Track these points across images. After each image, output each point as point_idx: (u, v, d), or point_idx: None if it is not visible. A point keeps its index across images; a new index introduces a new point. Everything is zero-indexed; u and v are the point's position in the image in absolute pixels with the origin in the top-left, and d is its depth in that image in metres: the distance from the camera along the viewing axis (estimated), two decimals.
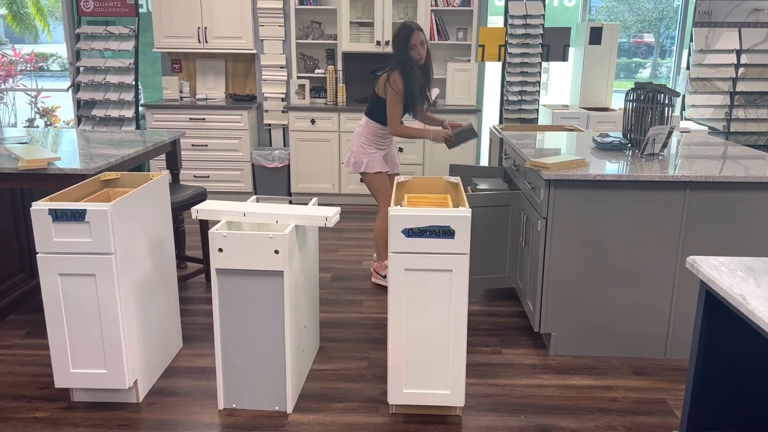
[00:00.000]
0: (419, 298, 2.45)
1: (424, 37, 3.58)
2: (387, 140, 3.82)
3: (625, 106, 3.55)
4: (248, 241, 2.41)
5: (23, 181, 2.95)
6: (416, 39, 3.53)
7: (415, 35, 3.53)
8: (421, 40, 3.56)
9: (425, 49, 3.61)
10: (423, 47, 3.58)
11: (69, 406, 2.63)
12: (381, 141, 3.79)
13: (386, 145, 3.83)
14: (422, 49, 3.58)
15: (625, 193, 2.90)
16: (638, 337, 3.07)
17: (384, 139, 3.80)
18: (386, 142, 3.82)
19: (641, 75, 8.56)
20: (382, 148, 3.80)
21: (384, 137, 3.78)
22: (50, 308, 2.48)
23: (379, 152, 3.78)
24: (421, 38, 3.56)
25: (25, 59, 7.79)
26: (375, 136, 3.76)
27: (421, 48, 3.56)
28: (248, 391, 2.59)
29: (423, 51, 3.58)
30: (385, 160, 3.80)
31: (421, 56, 3.59)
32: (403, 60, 3.55)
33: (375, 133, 3.76)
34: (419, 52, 3.56)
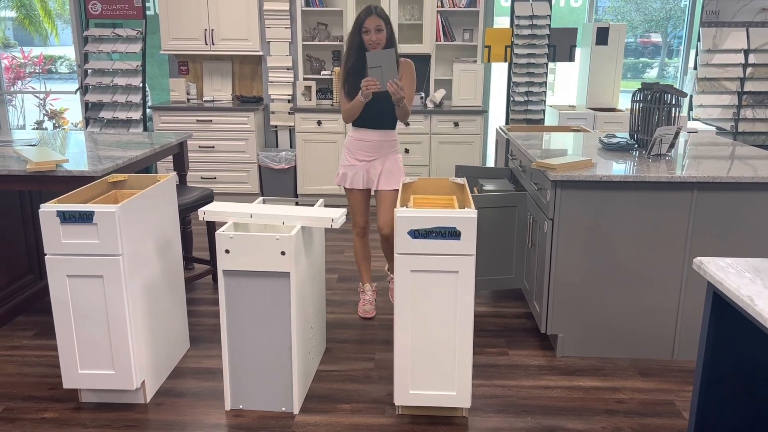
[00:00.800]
0: (425, 300, 2.45)
1: (383, 24, 3.18)
2: (365, 150, 3.35)
3: (631, 107, 3.54)
4: (255, 242, 2.42)
5: (32, 183, 2.97)
6: (370, 23, 3.16)
7: (370, 19, 3.16)
8: (377, 25, 3.15)
9: (383, 37, 3.18)
10: (380, 34, 3.16)
11: (77, 406, 2.64)
12: (356, 150, 3.36)
13: (365, 157, 3.36)
14: (377, 36, 3.16)
15: (632, 194, 2.89)
16: (645, 338, 3.06)
17: (360, 147, 3.35)
18: (364, 152, 3.35)
19: (648, 75, 8.52)
20: (360, 160, 3.37)
21: (359, 144, 3.35)
22: (58, 310, 2.50)
23: (354, 165, 3.38)
24: (377, 23, 3.15)
25: (33, 62, 7.84)
26: (348, 141, 3.41)
27: (375, 34, 3.16)
28: (255, 392, 2.59)
29: (377, 37, 3.16)
30: (357, 175, 3.38)
31: (373, 43, 3.17)
32: (351, 41, 3.25)
33: (349, 138, 3.42)
34: (372, 38, 3.16)
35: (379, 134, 3.34)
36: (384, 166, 3.37)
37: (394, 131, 3.41)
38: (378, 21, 3.17)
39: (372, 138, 3.34)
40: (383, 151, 3.36)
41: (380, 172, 3.37)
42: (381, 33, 3.19)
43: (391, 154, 3.39)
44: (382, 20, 3.19)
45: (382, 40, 3.19)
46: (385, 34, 3.21)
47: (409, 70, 3.31)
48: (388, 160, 3.37)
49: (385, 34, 3.21)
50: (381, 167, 3.37)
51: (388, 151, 3.38)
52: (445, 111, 5.60)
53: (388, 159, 3.38)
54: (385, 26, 3.20)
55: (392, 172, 3.37)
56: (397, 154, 3.43)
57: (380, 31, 3.18)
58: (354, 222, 3.53)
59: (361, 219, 3.51)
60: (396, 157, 3.41)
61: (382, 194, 3.39)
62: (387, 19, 3.23)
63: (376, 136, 3.34)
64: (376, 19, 3.17)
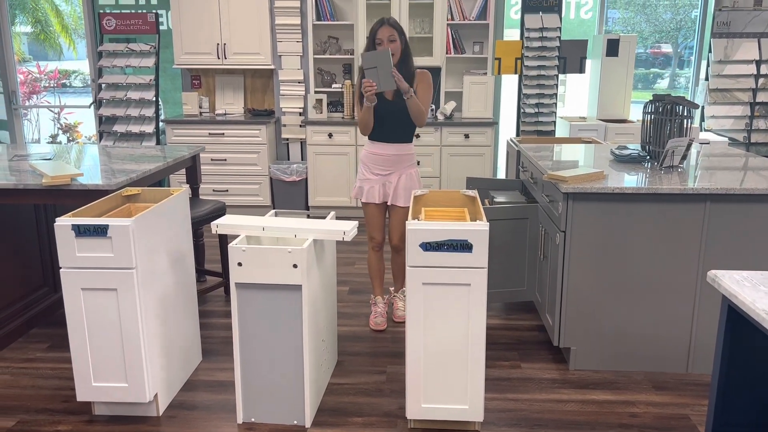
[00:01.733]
0: (437, 312, 2.45)
1: (396, 34, 3.20)
2: (380, 164, 3.35)
3: (643, 118, 3.53)
4: (267, 255, 2.43)
5: (47, 196, 3.01)
6: (382, 34, 3.18)
7: (382, 30, 3.18)
8: (390, 35, 3.18)
9: (396, 47, 3.20)
10: (393, 44, 3.18)
11: (90, 419, 2.66)
12: (372, 164, 3.36)
13: (381, 171, 3.36)
14: (390, 45, 3.17)
15: (645, 206, 2.88)
16: (659, 351, 3.03)
17: (376, 161, 3.35)
18: (379, 166, 3.35)
19: (659, 85, 8.50)
20: (376, 174, 3.37)
21: (375, 158, 3.36)
22: (73, 322, 2.52)
23: (370, 179, 3.38)
24: (390, 33, 3.18)
25: (49, 76, 7.95)
26: (364, 155, 3.42)
27: (388, 44, 3.17)
28: (267, 405, 2.60)
29: (391, 47, 3.16)
30: (373, 189, 3.38)
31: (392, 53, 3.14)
32: None
33: (364, 152, 3.42)
34: (385, 48, 3.17)
35: (395, 148, 3.34)
36: (400, 180, 3.36)
37: (410, 145, 3.40)
38: (390, 31, 3.19)
39: (387, 152, 3.34)
40: (399, 165, 3.36)
41: (395, 187, 3.36)
42: (394, 43, 3.20)
43: (408, 168, 3.38)
44: (395, 30, 3.21)
45: (395, 50, 3.19)
46: (398, 44, 3.22)
47: (426, 80, 3.33)
48: (404, 175, 3.36)
49: (398, 44, 3.22)
50: (397, 181, 3.36)
51: (405, 165, 3.37)
52: (456, 123, 5.62)
53: (405, 173, 3.37)
54: (398, 36, 3.22)
55: (407, 187, 3.35)
56: (413, 168, 3.42)
57: (393, 41, 3.19)
58: (370, 236, 3.52)
59: (377, 234, 3.51)
60: (411, 172, 3.40)
61: (397, 209, 3.41)
62: (401, 30, 3.25)
63: (391, 150, 3.34)
64: (388, 29, 3.19)
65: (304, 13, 5.77)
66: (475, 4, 5.68)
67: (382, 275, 3.62)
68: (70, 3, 7.96)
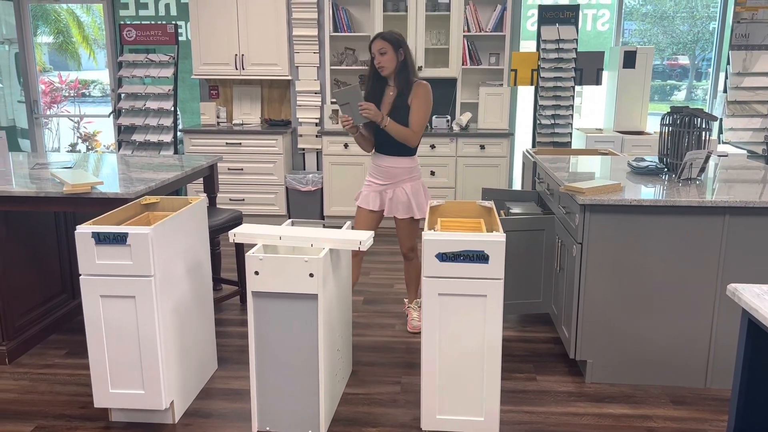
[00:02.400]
0: (453, 323, 2.44)
1: (388, 46, 3.23)
2: (379, 175, 3.42)
3: (660, 130, 3.52)
4: (284, 264, 2.44)
5: (67, 204, 3.05)
6: (374, 47, 3.26)
7: (374, 43, 3.26)
8: (380, 48, 3.24)
9: (388, 59, 3.25)
10: (383, 56, 3.24)
11: (107, 425, 2.68)
12: (373, 172, 3.45)
13: (379, 182, 3.42)
14: (380, 58, 3.25)
15: (663, 219, 2.86)
16: (677, 365, 3.00)
17: (376, 171, 3.43)
18: (378, 176, 3.42)
19: (676, 97, 8.45)
20: (376, 183, 3.43)
21: (374, 168, 3.44)
22: (91, 329, 2.54)
23: (371, 185, 3.44)
24: (380, 46, 3.24)
25: (69, 86, 8.07)
26: (370, 164, 3.51)
27: (379, 56, 3.25)
28: (282, 414, 2.60)
29: (382, 59, 3.24)
30: (370, 196, 3.44)
31: (380, 65, 3.26)
32: (369, 70, 3.39)
33: (370, 162, 3.52)
34: (377, 60, 3.26)
35: (390, 161, 3.38)
36: (396, 193, 3.40)
37: (405, 158, 3.38)
38: (382, 44, 3.24)
39: (383, 164, 3.39)
40: (396, 177, 3.39)
41: (392, 199, 3.41)
42: (385, 55, 3.24)
43: (405, 181, 3.40)
44: (387, 42, 3.24)
45: (387, 63, 3.25)
46: (391, 56, 3.25)
47: (422, 94, 3.31)
48: (399, 188, 3.39)
49: (391, 56, 3.25)
50: (393, 193, 3.41)
51: (402, 178, 3.39)
52: (471, 134, 5.62)
53: (400, 187, 3.39)
54: (392, 48, 3.24)
55: (404, 201, 3.38)
56: (412, 181, 3.41)
57: (384, 53, 3.24)
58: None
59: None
60: (409, 185, 3.39)
61: (398, 221, 3.49)
62: (396, 42, 3.26)
63: (387, 162, 3.38)
64: (379, 42, 3.25)
65: (322, 24, 5.82)
66: (491, 15, 5.70)
67: (355, 280, 3.52)
68: (91, 14, 8.09)
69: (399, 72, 3.30)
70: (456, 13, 5.54)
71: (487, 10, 5.75)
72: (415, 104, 3.30)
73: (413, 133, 3.30)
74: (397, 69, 3.29)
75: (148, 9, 6.23)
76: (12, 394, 2.94)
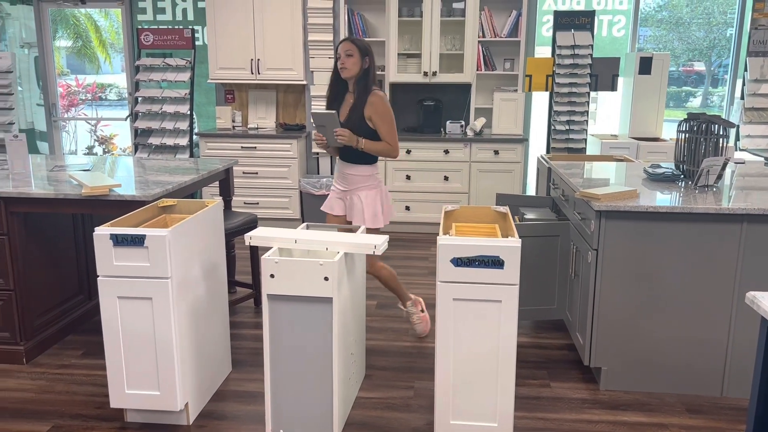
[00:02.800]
0: (467, 329, 2.44)
1: (355, 50, 3.20)
2: (339, 180, 3.42)
3: (677, 137, 3.50)
4: (299, 267, 2.46)
5: (86, 206, 3.08)
6: (341, 48, 3.22)
7: (342, 45, 3.23)
8: (347, 50, 3.20)
9: (352, 63, 3.21)
10: (349, 59, 3.20)
11: (122, 426, 2.70)
12: (337, 177, 3.44)
13: (340, 187, 3.42)
14: (345, 59, 3.21)
15: (679, 226, 2.84)
16: (693, 373, 2.98)
17: (336, 176, 3.45)
18: (339, 182, 3.42)
19: (691, 104, 8.40)
20: (340, 189, 3.42)
21: (336, 174, 3.45)
22: (108, 330, 2.57)
23: (335, 190, 3.45)
24: (347, 48, 3.20)
25: (87, 89, 8.17)
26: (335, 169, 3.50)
27: (344, 58, 3.21)
28: (296, 417, 2.61)
29: (346, 61, 3.20)
30: (332, 199, 3.46)
31: (342, 66, 3.22)
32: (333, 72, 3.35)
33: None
34: (341, 61, 3.21)
35: (350, 168, 3.34)
36: (353, 200, 3.36)
37: (365, 166, 3.33)
38: (349, 46, 3.22)
39: (345, 171, 3.37)
40: (354, 184, 3.35)
41: (349, 206, 3.39)
42: (350, 58, 3.21)
43: (362, 189, 3.34)
44: (354, 46, 3.22)
45: (350, 65, 3.21)
46: (356, 60, 3.21)
47: (379, 110, 3.24)
48: (356, 196, 3.35)
49: (356, 60, 3.21)
50: (350, 200, 3.38)
51: (359, 185, 3.34)
52: (485, 139, 5.62)
53: (357, 194, 3.35)
54: (358, 53, 3.21)
55: (359, 209, 3.33)
56: (369, 190, 3.34)
57: (350, 55, 3.21)
58: None
59: None
60: (363, 193, 3.33)
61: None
62: (364, 49, 3.24)
63: (347, 169, 3.36)
64: (347, 44, 3.23)
65: (337, 29, 5.85)
66: (506, 21, 5.70)
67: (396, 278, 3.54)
68: (109, 18, 8.18)
69: (360, 79, 3.26)
70: (471, 19, 5.54)
71: (503, 15, 5.75)
72: (377, 119, 3.24)
73: (390, 146, 3.28)
74: (359, 76, 3.26)
75: (166, 14, 6.30)
76: (29, 393, 2.97)
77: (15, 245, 3.15)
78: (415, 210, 5.76)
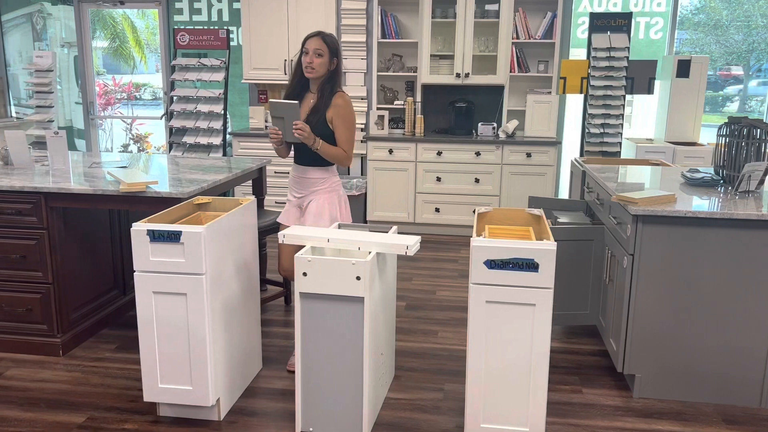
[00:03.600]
0: (500, 332, 2.42)
1: (326, 49, 2.96)
2: (296, 187, 3.17)
3: (717, 141, 3.42)
4: (331, 266, 2.46)
5: (123, 202, 3.14)
6: (311, 44, 2.95)
7: (313, 40, 2.96)
8: (317, 48, 2.94)
9: (321, 63, 2.96)
10: (318, 59, 2.95)
11: (155, 419, 2.73)
12: (290, 185, 3.20)
13: (296, 194, 3.17)
14: (314, 59, 2.94)
15: (719, 232, 2.78)
16: (730, 383, 2.90)
17: (292, 183, 3.19)
18: (295, 188, 3.17)
19: (728, 108, 8.22)
20: (294, 197, 3.18)
21: (292, 180, 3.19)
22: (143, 324, 2.61)
23: (290, 200, 3.20)
24: (318, 46, 2.94)
25: (123, 89, 8.32)
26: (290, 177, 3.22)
27: (313, 56, 2.94)
28: (325, 416, 2.61)
29: (314, 61, 2.94)
30: (289, 212, 3.20)
31: (309, 66, 2.96)
32: (295, 66, 3.07)
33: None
34: (308, 59, 2.95)
35: (304, 171, 3.12)
36: (310, 205, 3.11)
37: (323, 168, 3.11)
38: (319, 44, 2.95)
39: (298, 174, 3.15)
40: (310, 188, 3.12)
41: (306, 211, 3.13)
42: (321, 58, 2.96)
43: (320, 193, 3.11)
44: (326, 45, 2.96)
45: (318, 66, 2.96)
46: (325, 60, 2.97)
47: (342, 113, 3.02)
48: (315, 201, 3.11)
49: (325, 61, 2.97)
50: (307, 205, 3.13)
51: (316, 187, 3.11)
52: (518, 141, 5.57)
53: (316, 199, 3.11)
54: (328, 53, 2.97)
55: (317, 213, 3.08)
56: (328, 193, 3.11)
57: (320, 55, 2.96)
58: (279, 263, 3.27)
59: (286, 262, 3.21)
60: (325, 197, 3.10)
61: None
62: (334, 49, 3.00)
63: (300, 172, 3.14)
64: (318, 40, 2.96)
65: (370, 31, 5.86)
66: (541, 23, 5.65)
67: None
68: (146, 19, 8.32)
69: (327, 81, 3.02)
70: (505, 20, 5.51)
71: (537, 17, 5.70)
72: (338, 122, 3.01)
73: (345, 154, 3.05)
74: (326, 77, 3.02)
75: (201, 14, 6.39)
76: (65, 384, 3.03)
77: (54, 239, 3.22)
78: (445, 212, 5.73)
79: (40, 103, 4.14)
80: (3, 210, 3.19)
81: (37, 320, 3.30)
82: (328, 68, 3.01)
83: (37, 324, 3.30)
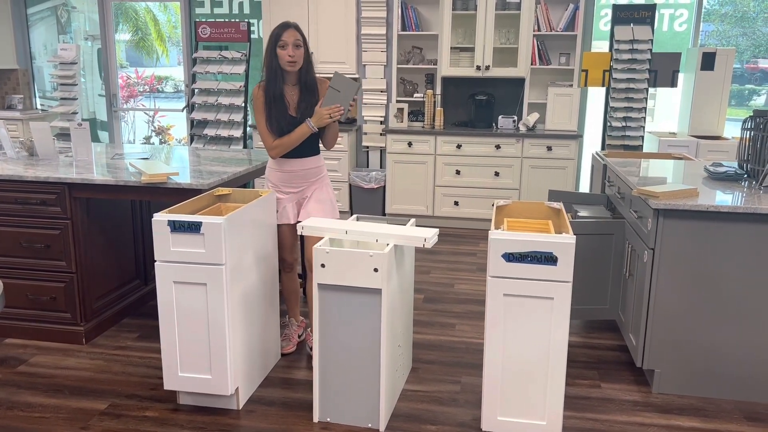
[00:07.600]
0: (518, 325, 2.41)
1: (301, 39, 2.94)
2: (291, 182, 3.12)
3: (742, 135, 3.37)
4: (349, 258, 2.47)
5: (144, 193, 3.18)
6: (288, 37, 2.89)
7: (288, 32, 2.90)
8: (296, 39, 2.90)
9: (301, 54, 2.94)
10: (298, 50, 2.92)
11: (175, 407, 2.77)
12: (281, 182, 3.13)
13: (292, 189, 3.14)
14: (295, 51, 2.91)
15: (742, 226, 2.74)
16: (752, 379, 2.87)
17: (285, 178, 3.12)
18: (290, 183, 3.12)
19: (755, 102, 8.07)
20: (287, 193, 3.14)
21: (282, 176, 3.12)
22: (164, 314, 2.64)
23: (283, 198, 3.14)
24: (296, 38, 2.90)
25: (146, 81, 8.41)
26: (271, 174, 3.16)
27: (294, 49, 2.90)
28: (343, 406, 2.63)
29: (296, 53, 2.91)
30: (287, 209, 3.15)
31: (291, 59, 2.91)
32: (269, 64, 2.97)
33: (270, 171, 3.16)
34: (290, 52, 2.90)
35: (308, 162, 3.13)
36: (313, 193, 3.15)
37: (319, 156, 3.17)
38: (296, 35, 2.93)
39: (301, 167, 3.11)
40: (310, 179, 3.15)
41: (308, 200, 3.14)
42: (300, 49, 2.94)
43: (319, 180, 3.17)
44: (301, 36, 2.95)
45: (299, 59, 2.95)
46: (302, 51, 2.96)
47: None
48: (316, 189, 3.16)
49: (302, 52, 2.96)
50: (310, 195, 3.15)
51: (316, 177, 3.16)
52: (538, 135, 5.53)
53: (316, 186, 3.16)
54: (304, 43, 2.97)
55: (323, 199, 3.14)
56: (326, 179, 3.20)
57: (299, 46, 2.93)
58: (281, 258, 3.25)
59: (289, 256, 3.28)
60: (325, 183, 3.19)
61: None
62: (304, 38, 2.99)
63: (306, 164, 3.12)
64: (294, 32, 2.92)
65: (390, 23, 5.85)
66: (563, 15, 5.59)
67: (297, 295, 3.46)
68: (167, 12, 8.39)
69: (307, 71, 3.03)
70: (527, 12, 5.46)
71: (559, 9, 5.64)
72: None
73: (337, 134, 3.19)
74: (305, 68, 3.01)
75: (223, 7, 6.43)
76: (88, 372, 3.09)
77: (77, 229, 3.27)
78: (464, 205, 5.72)
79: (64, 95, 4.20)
80: (28, 200, 3.25)
81: (60, 309, 3.36)
82: (305, 57, 3.01)
83: (61, 312, 3.36)
